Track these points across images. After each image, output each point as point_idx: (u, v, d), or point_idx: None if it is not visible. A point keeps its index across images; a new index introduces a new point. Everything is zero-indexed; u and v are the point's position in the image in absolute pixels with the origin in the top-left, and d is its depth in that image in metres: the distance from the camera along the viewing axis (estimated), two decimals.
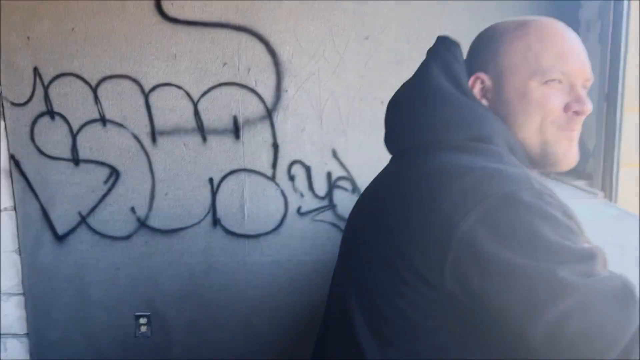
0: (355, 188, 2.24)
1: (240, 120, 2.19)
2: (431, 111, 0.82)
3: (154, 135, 2.20)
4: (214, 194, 2.25)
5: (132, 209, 2.25)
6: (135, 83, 2.15)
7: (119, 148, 2.20)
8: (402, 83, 0.91)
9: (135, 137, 2.20)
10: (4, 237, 2.27)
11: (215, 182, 2.24)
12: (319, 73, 2.16)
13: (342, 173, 2.23)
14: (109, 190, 2.23)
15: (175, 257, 2.29)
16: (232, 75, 2.16)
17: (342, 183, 2.24)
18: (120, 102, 2.17)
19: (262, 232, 2.28)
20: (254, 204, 2.26)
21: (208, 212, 2.26)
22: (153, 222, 2.26)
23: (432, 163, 0.78)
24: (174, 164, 2.22)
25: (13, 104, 2.16)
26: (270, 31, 2.13)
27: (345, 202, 2.25)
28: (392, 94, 0.92)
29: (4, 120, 2.18)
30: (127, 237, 2.27)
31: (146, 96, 2.17)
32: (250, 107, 2.18)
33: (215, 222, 2.27)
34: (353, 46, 2.14)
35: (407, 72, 0.90)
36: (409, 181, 0.79)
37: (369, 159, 2.20)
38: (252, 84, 2.17)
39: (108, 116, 2.18)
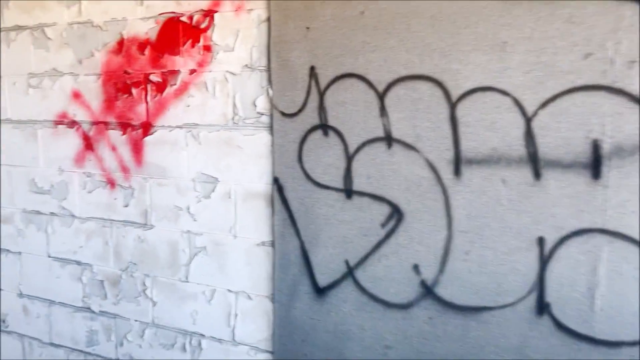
0: None
1: (605, 147, 1.31)
2: None
3: (457, 164, 1.48)
4: (543, 262, 1.41)
5: (416, 267, 1.57)
6: (439, 87, 1.47)
7: (406, 179, 1.55)
8: None
9: (430, 165, 1.51)
10: (258, 278, 1.84)
11: (549, 245, 1.40)
12: None
13: None
14: (387, 236, 1.60)
15: (473, 349, 1.52)
16: (599, 73, 1.30)
17: None
18: (415, 114, 1.51)
19: (626, 339, 1.34)
20: (616, 289, 1.34)
21: (531, 291, 1.43)
22: (443, 291, 1.54)
23: None
24: (483, 209, 1.46)
25: (283, 114, 1.71)
26: None
27: None
28: None
29: (272, 135, 1.74)
30: (405, 306, 1.60)
31: (453, 106, 1.46)
32: (628, 127, 1.28)
33: (542, 307, 1.42)
34: None
35: None
36: None
37: None
38: (634, 88, 1.27)
39: (396, 134, 1.55)
